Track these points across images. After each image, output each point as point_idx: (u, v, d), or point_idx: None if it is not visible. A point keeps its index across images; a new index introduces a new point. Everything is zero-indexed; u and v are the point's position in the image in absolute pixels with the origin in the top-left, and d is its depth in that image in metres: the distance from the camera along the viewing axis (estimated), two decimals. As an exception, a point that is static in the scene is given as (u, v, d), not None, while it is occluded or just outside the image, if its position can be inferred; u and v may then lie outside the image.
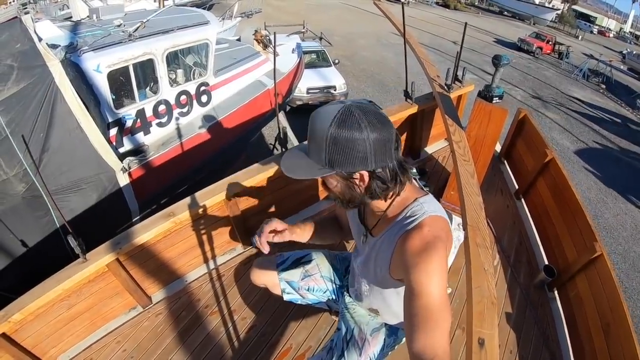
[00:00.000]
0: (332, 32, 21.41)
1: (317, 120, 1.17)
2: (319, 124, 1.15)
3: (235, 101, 6.92)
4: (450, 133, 2.73)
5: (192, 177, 6.24)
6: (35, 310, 2.34)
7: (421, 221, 1.25)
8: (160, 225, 2.58)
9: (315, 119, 1.18)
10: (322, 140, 1.15)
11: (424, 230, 1.22)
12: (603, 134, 15.80)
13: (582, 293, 2.95)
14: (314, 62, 12.67)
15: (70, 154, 4.55)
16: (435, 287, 1.10)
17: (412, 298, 1.11)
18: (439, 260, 1.15)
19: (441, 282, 1.12)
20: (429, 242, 1.18)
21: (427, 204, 1.32)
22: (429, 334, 1.03)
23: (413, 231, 1.24)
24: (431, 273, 1.12)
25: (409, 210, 1.32)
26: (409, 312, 1.11)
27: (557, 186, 3.58)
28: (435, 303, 1.08)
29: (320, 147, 1.17)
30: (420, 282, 1.11)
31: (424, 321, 1.06)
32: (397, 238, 1.30)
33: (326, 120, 1.14)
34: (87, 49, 4.73)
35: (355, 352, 1.77)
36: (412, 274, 1.14)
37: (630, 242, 9.49)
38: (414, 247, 1.19)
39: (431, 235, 1.20)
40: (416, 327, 1.06)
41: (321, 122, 1.15)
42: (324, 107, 1.20)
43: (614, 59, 28.65)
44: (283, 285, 2.04)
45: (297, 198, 3.56)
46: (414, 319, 1.07)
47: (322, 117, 1.15)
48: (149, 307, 2.91)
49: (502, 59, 2.99)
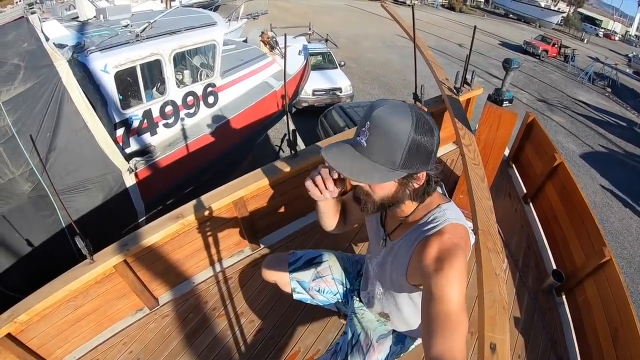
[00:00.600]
0: (337, 34, 21.42)
1: (392, 121, 1.12)
2: (397, 125, 1.11)
3: (242, 102, 6.91)
4: (460, 136, 2.71)
5: (198, 178, 6.25)
6: (41, 311, 2.34)
7: (442, 228, 1.25)
8: (168, 226, 2.58)
9: (386, 119, 1.12)
10: (401, 143, 1.11)
11: (445, 237, 1.22)
12: (608, 137, 15.75)
13: (590, 298, 2.94)
14: (319, 64, 12.66)
15: (76, 153, 4.55)
16: (455, 293, 1.10)
17: (432, 303, 1.10)
18: (459, 267, 1.15)
19: (460, 289, 1.12)
20: (449, 248, 1.18)
21: (449, 210, 1.32)
22: (448, 339, 1.03)
23: (433, 237, 1.24)
24: (451, 279, 1.12)
25: (430, 216, 1.32)
26: (427, 316, 1.10)
27: (566, 190, 3.57)
28: (455, 309, 1.08)
29: (395, 149, 1.12)
30: (440, 287, 1.11)
31: (442, 326, 1.05)
32: (417, 243, 1.30)
33: (404, 122, 1.11)
34: (94, 49, 4.73)
35: (359, 357, 1.77)
36: (432, 279, 1.14)
37: (635, 247, 9.44)
38: (433, 253, 1.19)
39: (451, 242, 1.20)
40: (434, 331, 1.05)
41: (398, 123, 1.11)
42: (387, 107, 1.15)
43: (619, 62, 28.66)
44: (294, 284, 2.04)
45: (305, 201, 3.53)
46: (433, 324, 1.07)
47: (398, 119, 1.11)
48: (156, 309, 2.91)
49: (512, 62, 2.98)
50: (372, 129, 1.13)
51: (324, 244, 3.41)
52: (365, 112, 1.18)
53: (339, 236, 3.49)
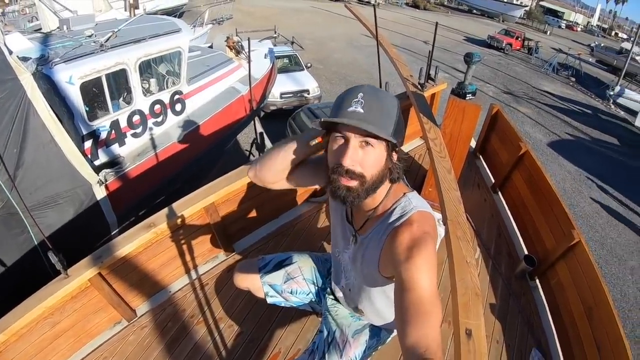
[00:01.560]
0: (303, 36, 21.39)
1: (384, 94, 1.27)
2: (388, 98, 1.26)
3: (210, 108, 6.88)
4: (426, 131, 2.75)
5: (169, 186, 6.18)
6: (18, 330, 2.29)
7: (410, 217, 1.27)
8: (141, 236, 2.56)
9: (379, 93, 1.26)
10: (394, 113, 1.25)
11: (414, 226, 1.24)
12: (574, 125, 16.13)
13: (563, 280, 3.02)
14: (286, 67, 12.65)
15: (45, 168, 4.46)
16: (426, 281, 1.11)
17: (404, 292, 1.11)
18: (430, 255, 1.17)
19: (432, 277, 1.14)
20: (419, 237, 1.20)
21: (415, 199, 1.34)
22: (421, 327, 1.03)
23: (402, 227, 1.25)
24: (422, 267, 1.13)
25: (397, 205, 1.34)
26: (400, 306, 1.11)
27: (533, 178, 3.65)
28: (427, 296, 1.09)
29: (390, 117, 1.24)
30: (411, 276, 1.12)
31: (415, 315, 1.06)
32: (387, 234, 1.31)
33: (393, 97, 1.28)
34: (58, 61, 4.64)
35: (336, 354, 1.77)
36: (404, 268, 1.15)
37: (606, 229, 9.71)
38: (404, 243, 1.20)
39: (420, 231, 1.22)
40: (408, 321, 1.06)
41: (389, 97, 1.26)
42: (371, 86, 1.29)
43: (582, 52, 29.31)
44: (266, 288, 2.04)
45: (277, 202, 3.58)
46: (406, 313, 1.07)
47: (387, 94, 1.28)
48: (134, 321, 2.87)
49: (473, 56, 3.04)
50: (367, 98, 1.22)
51: (297, 244, 3.42)
52: (345, 92, 1.28)
53: (312, 237, 3.52)
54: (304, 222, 3.67)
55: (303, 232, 3.57)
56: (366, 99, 1.20)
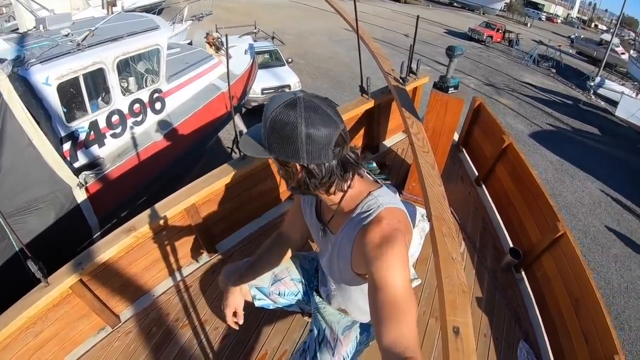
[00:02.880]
0: (283, 31, 21.33)
1: (270, 103, 1.19)
2: (268, 107, 1.18)
3: (190, 106, 6.81)
4: (408, 125, 2.75)
5: (152, 187, 6.10)
6: (1, 341, 2.23)
7: (377, 214, 1.25)
8: (121, 240, 2.52)
9: (270, 101, 1.20)
10: (265, 123, 1.19)
11: (382, 223, 1.21)
12: (556, 115, 16.34)
13: (549, 272, 3.04)
14: (267, 62, 12.61)
15: (23, 173, 4.38)
16: (398, 279, 1.10)
17: (376, 292, 1.10)
18: (400, 252, 1.15)
19: (403, 273, 1.12)
20: (387, 234, 1.18)
21: (381, 196, 1.31)
22: (397, 326, 1.03)
23: (370, 225, 1.23)
24: (392, 265, 1.12)
25: (364, 205, 1.31)
26: (374, 306, 1.10)
27: (516, 170, 3.67)
28: (400, 294, 1.08)
29: (264, 130, 1.20)
30: (382, 275, 1.11)
31: (390, 314, 1.05)
32: (356, 233, 1.29)
33: (273, 105, 1.16)
34: (34, 62, 4.53)
35: (328, 352, 1.76)
36: (374, 267, 1.14)
37: (589, 218, 9.88)
38: (373, 241, 1.18)
39: (389, 227, 1.20)
40: (383, 321, 1.05)
41: (270, 105, 1.18)
42: (281, 94, 1.21)
43: (562, 44, 29.74)
44: (253, 291, 2.00)
45: (259, 201, 3.55)
46: (380, 313, 1.07)
47: (273, 102, 1.18)
48: (118, 327, 2.83)
49: (455, 49, 3.03)
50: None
51: None
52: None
53: None
54: None
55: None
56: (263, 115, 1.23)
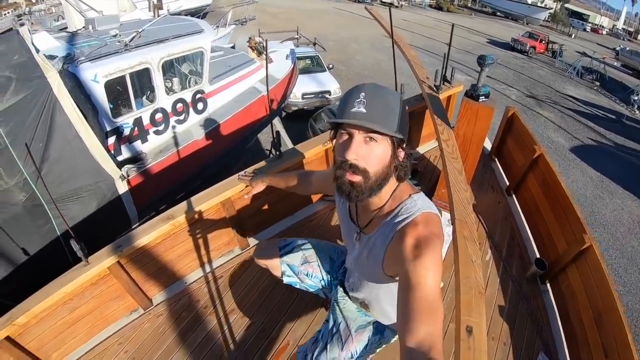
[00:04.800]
0: (326, 38, 21.42)
1: (385, 91, 1.27)
2: (390, 93, 1.27)
3: (231, 108, 6.98)
4: (439, 132, 2.79)
5: (190, 183, 6.29)
6: (39, 313, 2.39)
7: (416, 218, 1.28)
8: (160, 227, 2.65)
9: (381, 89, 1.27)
10: (397, 108, 1.25)
11: (419, 226, 1.25)
12: (598, 130, 15.86)
13: (573, 284, 3.01)
14: (308, 68, 12.71)
15: (69, 163, 4.60)
16: (431, 280, 1.12)
17: (409, 290, 1.12)
18: (435, 256, 1.18)
19: (437, 276, 1.15)
20: (425, 237, 1.21)
21: (420, 200, 1.35)
22: (426, 325, 1.04)
23: (409, 227, 1.27)
24: (428, 267, 1.14)
25: (402, 207, 1.35)
26: (404, 304, 1.11)
27: (547, 181, 3.64)
28: (432, 295, 1.10)
29: (394, 112, 1.25)
30: (417, 274, 1.13)
31: (420, 312, 1.07)
32: (392, 234, 1.32)
33: (394, 92, 1.29)
34: (84, 60, 4.77)
35: (337, 345, 1.81)
36: (410, 267, 1.16)
37: (627, 237, 9.54)
38: (410, 243, 1.21)
39: (427, 231, 1.23)
40: (413, 318, 1.06)
41: (390, 92, 1.27)
42: (372, 84, 1.30)
43: (607, 56, 28.84)
44: (284, 267, 2.11)
45: (292, 199, 3.63)
46: (410, 311, 1.08)
47: (388, 90, 1.28)
48: (150, 309, 2.98)
49: (486, 58, 3.06)
50: (368, 97, 1.23)
51: None
52: (348, 92, 1.30)
53: (326, 234, 3.57)
54: (318, 220, 3.73)
55: (317, 229, 3.63)
56: (368, 98, 1.22)
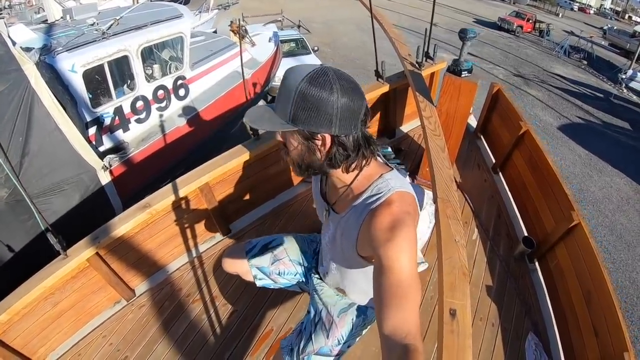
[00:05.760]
0: (310, 20, 21.20)
1: (290, 74, 1.15)
2: (292, 78, 1.13)
3: (213, 93, 6.95)
4: (421, 109, 2.74)
5: (174, 170, 6.19)
6: (21, 309, 2.34)
7: (388, 197, 1.23)
8: (137, 216, 2.59)
9: (289, 73, 1.16)
10: (290, 94, 1.12)
11: (392, 206, 1.20)
12: (586, 109, 15.95)
13: (562, 262, 2.99)
14: (293, 51, 12.60)
15: (50, 155, 4.54)
16: (405, 263, 1.09)
17: (382, 274, 1.09)
18: (409, 236, 1.14)
19: (411, 258, 1.11)
20: (397, 218, 1.16)
21: (392, 180, 1.29)
22: (400, 311, 1.02)
23: (381, 207, 1.22)
24: (401, 249, 1.10)
25: (374, 187, 1.29)
26: (379, 288, 1.09)
27: (533, 158, 3.61)
28: (405, 279, 1.07)
29: (287, 102, 1.14)
30: (390, 257, 1.09)
31: (395, 297, 1.04)
32: (365, 215, 1.27)
33: (299, 75, 1.12)
34: (61, 50, 4.71)
35: (322, 334, 1.77)
36: (382, 250, 1.12)
37: (616, 215, 9.63)
38: (383, 224, 1.17)
39: (399, 211, 1.18)
40: (387, 303, 1.04)
41: (294, 76, 1.13)
42: (300, 65, 1.19)
43: (595, 35, 28.94)
44: (254, 271, 2.04)
45: (272, 183, 3.58)
46: (384, 296, 1.06)
47: (297, 72, 1.14)
48: (133, 300, 2.93)
49: (468, 32, 3.00)
50: (279, 85, 1.18)
51: (292, 225, 3.46)
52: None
53: (308, 217, 3.54)
54: (300, 203, 3.68)
55: (299, 212, 3.59)
56: (278, 92, 1.19)
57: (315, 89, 1.10)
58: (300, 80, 1.11)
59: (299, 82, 1.11)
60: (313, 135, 1.18)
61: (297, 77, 1.12)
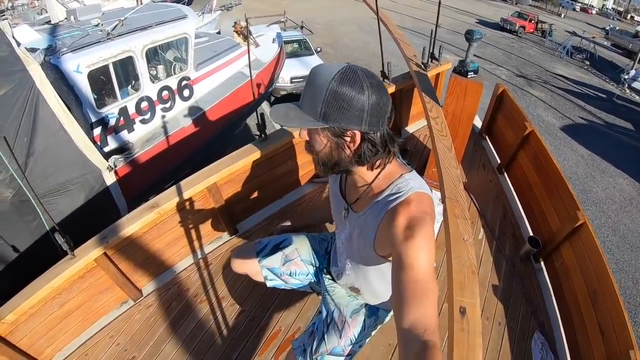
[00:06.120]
0: (313, 21, 21.23)
1: (319, 73, 1.16)
2: (321, 76, 1.15)
3: (218, 93, 6.96)
4: (428, 110, 2.74)
5: (179, 171, 6.25)
6: (28, 309, 2.34)
7: (408, 197, 1.24)
8: (145, 216, 2.59)
9: (317, 72, 1.17)
10: (321, 92, 1.14)
11: (411, 205, 1.22)
12: (588, 109, 15.92)
13: (567, 262, 2.98)
14: (296, 51, 12.64)
15: (55, 156, 4.55)
16: (424, 260, 1.11)
17: (401, 271, 1.11)
18: (428, 235, 1.15)
19: (429, 256, 1.13)
20: (417, 217, 1.18)
21: (412, 180, 1.31)
22: (420, 306, 1.03)
23: (400, 207, 1.23)
24: (420, 247, 1.12)
25: (394, 186, 1.30)
26: (398, 285, 1.10)
27: (538, 158, 3.60)
28: (425, 276, 1.08)
29: (317, 100, 1.15)
30: (409, 255, 1.11)
31: (414, 294, 1.05)
32: (384, 213, 1.29)
33: (329, 74, 1.13)
34: (66, 51, 4.72)
35: (335, 334, 1.77)
36: (403, 247, 1.14)
37: (620, 215, 9.62)
38: (402, 222, 1.19)
39: (418, 210, 1.20)
40: (406, 300, 1.05)
41: (323, 75, 1.14)
42: (324, 64, 1.21)
43: (597, 35, 28.88)
44: (265, 272, 2.03)
45: (280, 183, 3.57)
46: (404, 292, 1.07)
47: (325, 71, 1.15)
48: (140, 300, 2.93)
49: (474, 33, 3.00)
50: (305, 83, 1.20)
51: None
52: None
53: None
54: (307, 203, 3.67)
55: (306, 212, 3.58)
56: (306, 85, 1.20)
57: (346, 88, 1.12)
58: (330, 79, 1.12)
59: (329, 81, 1.12)
60: (343, 132, 1.20)
61: (326, 76, 1.13)
